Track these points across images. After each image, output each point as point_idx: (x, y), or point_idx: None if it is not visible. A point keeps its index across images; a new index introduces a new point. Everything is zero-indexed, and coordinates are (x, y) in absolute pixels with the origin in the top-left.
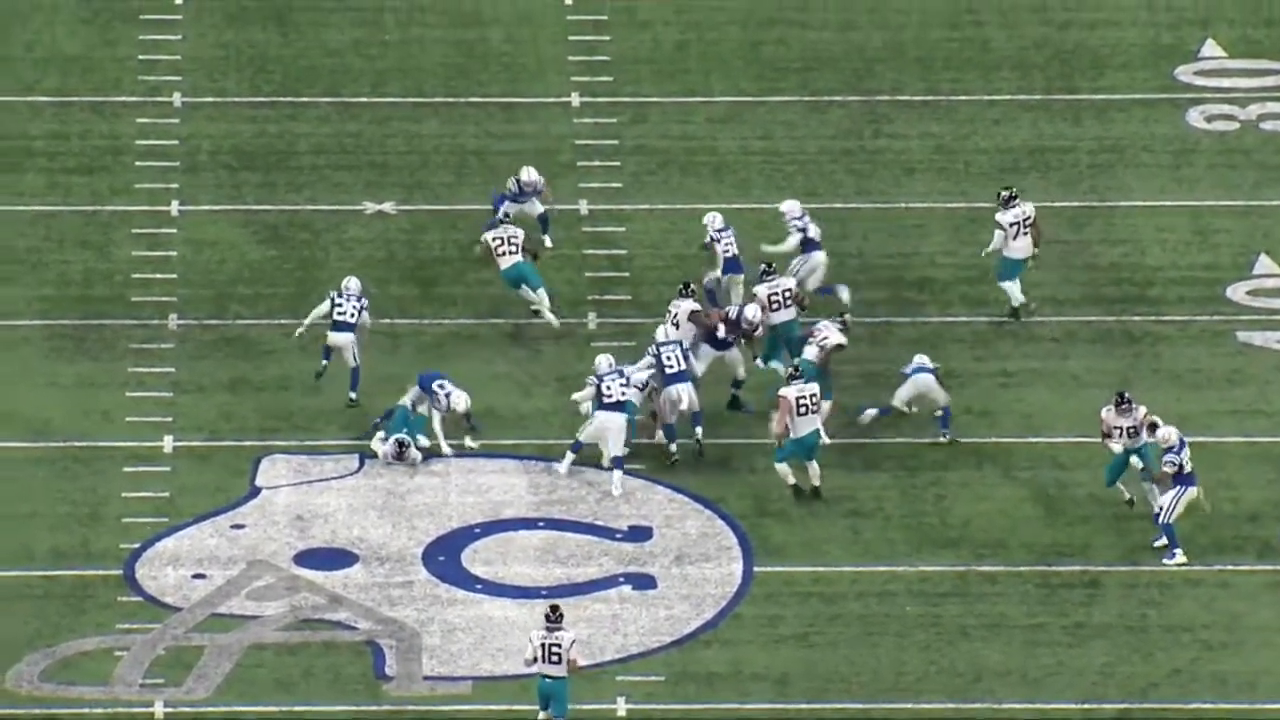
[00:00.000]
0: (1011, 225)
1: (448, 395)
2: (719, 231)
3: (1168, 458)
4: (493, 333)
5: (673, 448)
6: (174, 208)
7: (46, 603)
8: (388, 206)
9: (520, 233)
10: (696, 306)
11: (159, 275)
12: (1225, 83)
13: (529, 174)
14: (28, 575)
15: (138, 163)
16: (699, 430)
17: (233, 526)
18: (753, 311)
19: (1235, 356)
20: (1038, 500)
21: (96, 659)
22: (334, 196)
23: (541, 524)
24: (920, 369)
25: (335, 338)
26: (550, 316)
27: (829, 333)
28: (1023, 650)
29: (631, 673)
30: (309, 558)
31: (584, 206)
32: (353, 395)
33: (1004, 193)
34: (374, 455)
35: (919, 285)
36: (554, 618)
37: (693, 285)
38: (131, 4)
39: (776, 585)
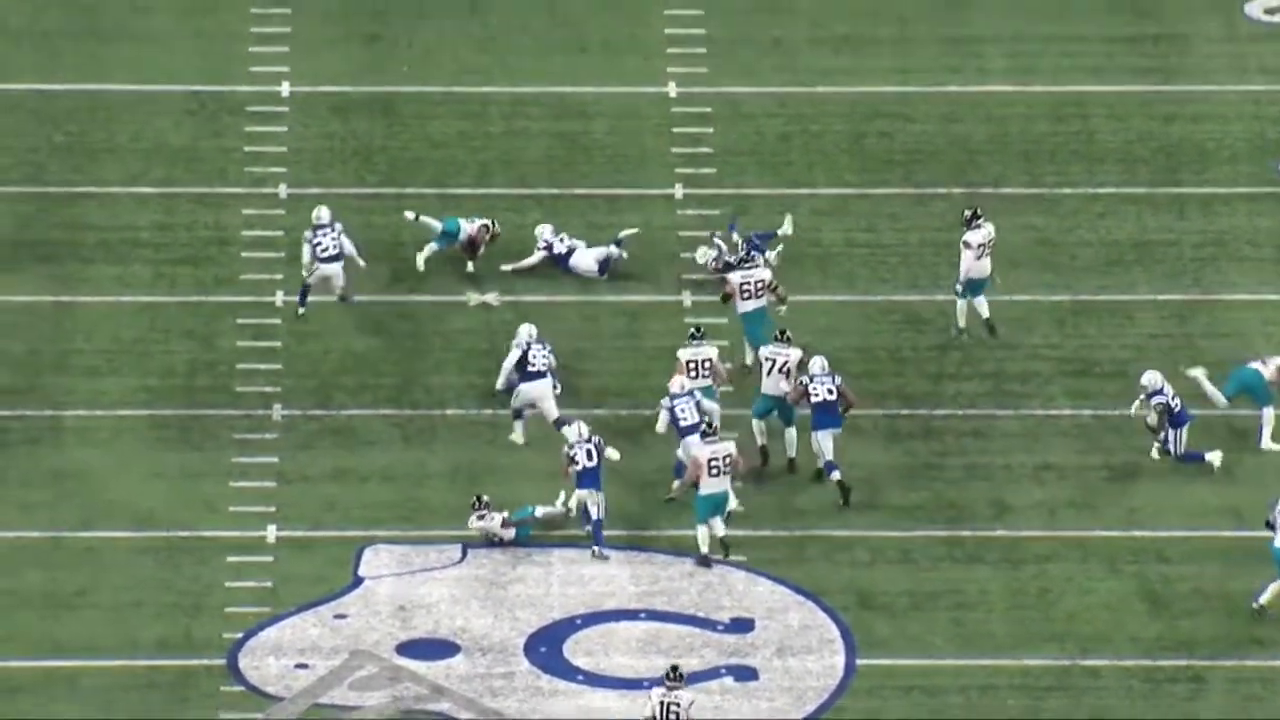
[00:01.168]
0: (979, 246)
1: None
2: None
3: (1155, 400)
4: (594, 425)
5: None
6: (278, 298)
7: (150, 692)
8: (491, 297)
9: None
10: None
11: (263, 365)
12: None
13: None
14: (132, 665)
15: (243, 253)
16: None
17: (335, 616)
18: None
19: None
20: (1142, 594)
21: None
22: (438, 287)
23: (643, 615)
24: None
25: (325, 269)
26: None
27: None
28: None
29: None
30: (411, 648)
31: (687, 298)
32: (301, 309)
33: (967, 212)
34: (491, 540)
35: (1022, 378)
36: (674, 677)
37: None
38: (238, 96)
39: (879, 678)
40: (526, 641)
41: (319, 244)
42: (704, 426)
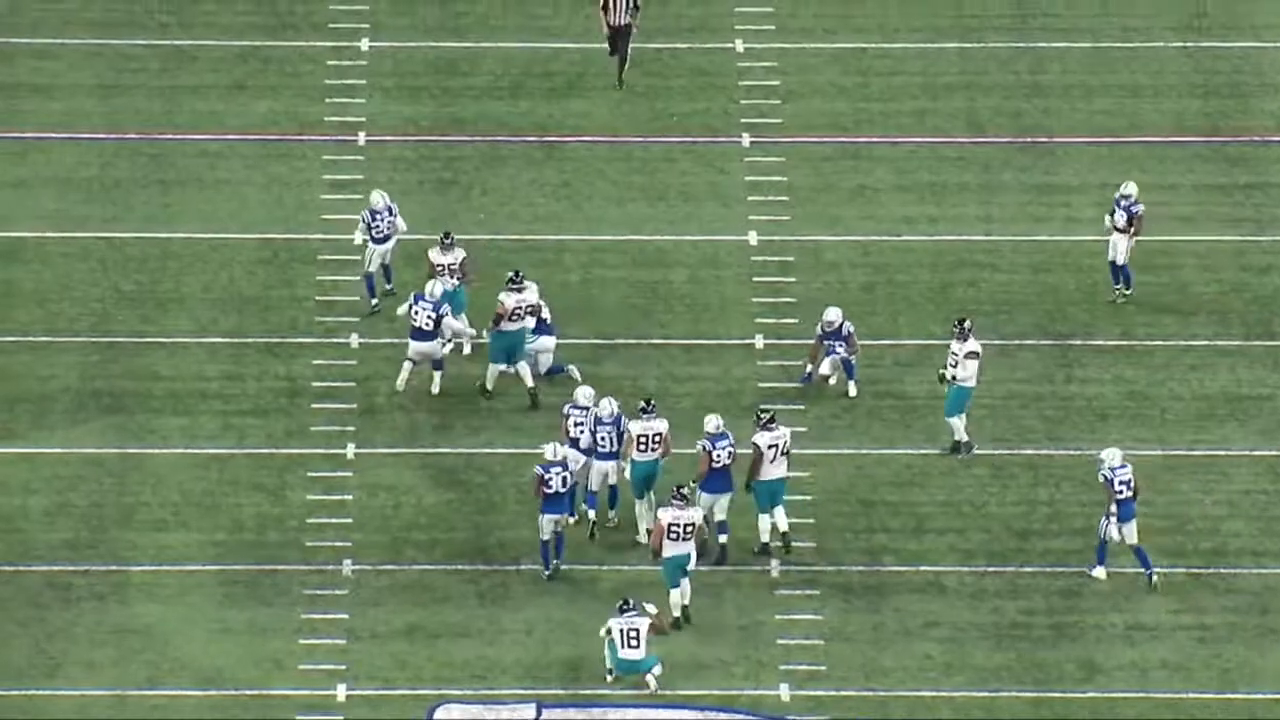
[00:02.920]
0: (968, 357)
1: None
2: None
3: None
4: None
5: (592, 515)
6: (350, 450)
7: None
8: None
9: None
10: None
11: (334, 520)
12: None
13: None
14: None
15: (314, 405)
16: (613, 512)
17: None
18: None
19: None
20: None
21: None
22: (512, 439)
23: None
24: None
25: (375, 248)
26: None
27: None
28: None
29: None
30: None
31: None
32: (388, 285)
33: (965, 324)
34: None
35: None
36: None
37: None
38: (310, 244)
39: None
40: None
41: (375, 226)
42: (674, 492)
